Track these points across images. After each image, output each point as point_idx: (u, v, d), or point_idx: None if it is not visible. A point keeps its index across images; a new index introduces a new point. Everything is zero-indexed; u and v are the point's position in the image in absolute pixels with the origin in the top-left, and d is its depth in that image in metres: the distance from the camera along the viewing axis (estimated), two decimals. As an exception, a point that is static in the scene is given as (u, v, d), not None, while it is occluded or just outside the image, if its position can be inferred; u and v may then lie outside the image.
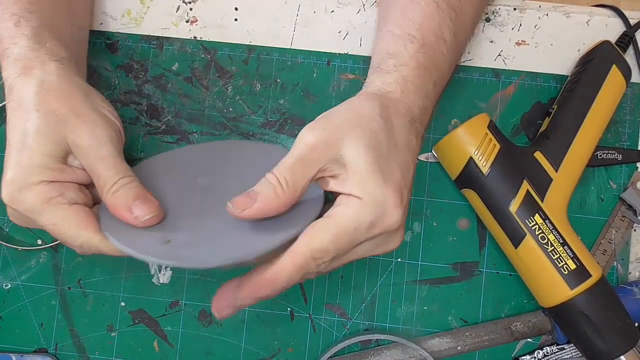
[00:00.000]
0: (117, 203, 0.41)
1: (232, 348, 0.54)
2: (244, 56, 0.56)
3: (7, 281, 0.55)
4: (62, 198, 0.41)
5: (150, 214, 0.41)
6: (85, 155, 0.41)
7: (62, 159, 0.41)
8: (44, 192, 0.40)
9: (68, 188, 0.41)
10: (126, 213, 0.41)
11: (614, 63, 0.51)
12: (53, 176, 0.41)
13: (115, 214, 0.41)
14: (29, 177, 0.40)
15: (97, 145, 0.41)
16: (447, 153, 0.51)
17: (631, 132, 0.55)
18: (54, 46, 0.44)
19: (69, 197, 0.41)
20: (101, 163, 0.41)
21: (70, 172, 0.42)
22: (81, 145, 0.41)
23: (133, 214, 0.40)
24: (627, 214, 0.54)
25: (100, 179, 0.41)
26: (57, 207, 0.40)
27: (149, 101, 0.56)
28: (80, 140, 0.41)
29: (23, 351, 0.54)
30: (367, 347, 0.54)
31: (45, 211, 0.40)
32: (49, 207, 0.40)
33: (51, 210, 0.40)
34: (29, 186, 0.40)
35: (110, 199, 0.41)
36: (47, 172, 0.40)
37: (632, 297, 0.51)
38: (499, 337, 0.53)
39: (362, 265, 0.54)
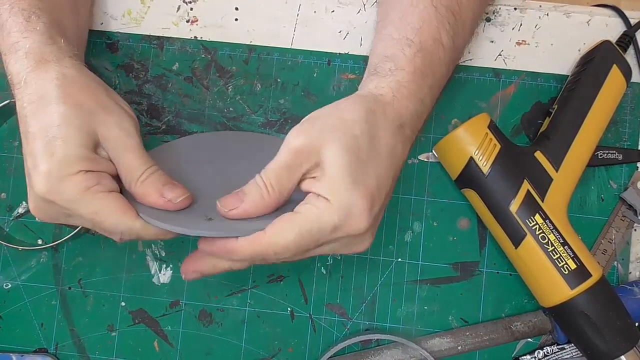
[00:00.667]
0: (148, 190, 0.42)
1: (232, 348, 0.54)
2: (245, 56, 0.56)
3: (7, 281, 0.55)
4: (100, 186, 0.41)
5: (181, 195, 0.42)
6: (113, 147, 0.42)
7: (94, 150, 0.42)
8: (83, 181, 0.40)
9: (103, 177, 0.41)
10: (158, 198, 0.42)
11: (615, 63, 0.52)
12: (90, 166, 0.41)
13: (147, 200, 0.42)
14: (66, 168, 0.40)
15: (125, 137, 0.42)
16: (448, 153, 0.51)
17: (631, 132, 0.55)
18: (66, 43, 0.44)
19: (106, 184, 0.41)
20: (129, 154, 0.42)
21: (103, 163, 0.42)
22: (110, 137, 0.42)
23: (166, 198, 0.42)
24: (628, 213, 0.54)
25: (129, 169, 0.42)
26: (97, 195, 0.41)
27: (150, 101, 0.56)
28: (109, 132, 0.42)
29: (23, 351, 0.54)
30: (367, 347, 0.54)
31: (85, 200, 0.40)
32: (88, 196, 0.40)
33: (91, 199, 0.40)
34: (67, 176, 0.40)
35: (140, 187, 0.42)
36: (84, 162, 0.40)
37: (632, 297, 0.51)
38: (499, 337, 0.53)
39: (363, 265, 0.54)
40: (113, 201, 0.41)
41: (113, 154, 0.42)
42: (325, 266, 0.54)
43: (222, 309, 0.54)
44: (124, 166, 0.42)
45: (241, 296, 0.54)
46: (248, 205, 0.41)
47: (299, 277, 0.54)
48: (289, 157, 0.40)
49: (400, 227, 0.54)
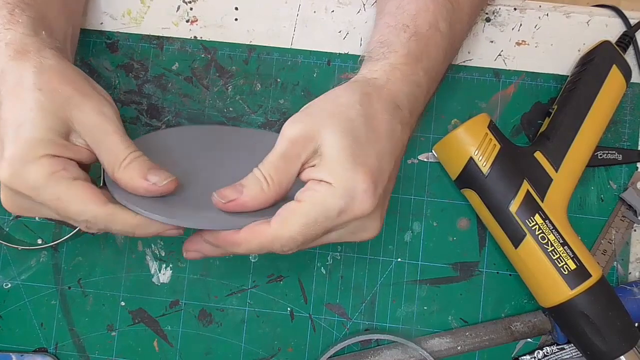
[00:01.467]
0: (132, 174, 0.40)
1: (232, 348, 0.54)
2: (244, 56, 0.56)
3: (7, 281, 0.55)
4: (65, 172, 0.39)
5: (167, 179, 0.41)
6: (92, 133, 0.41)
7: (65, 136, 0.40)
8: (47, 166, 0.39)
9: (70, 164, 0.40)
10: (142, 182, 0.40)
11: (614, 63, 0.52)
12: (56, 150, 0.39)
13: (130, 185, 0.41)
14: (30, 151, 0.39)
15: (105, 121, 0.41)
16: (447, 153, 0.51)
17: (631, 132, 0.55)
18: (48, 36, 0.44)
19: (72, 171, 0.40)
20: (110, 138, 0.41)
21: (73, 150, 0.41)
22: (88, 123, 0.41)
23: (150, 181, 0.40)
24: (627, 214, 0.54)
25: (111, 154, 0.41)
26: (61, 180, 0.39)
27: (149, 101, 0.56)
28: (87, 117, 0.40)
29: (23, 351, 0.54)
30: (367, 347, 0.54)
31: (49, 185, 0.39)
32: (52, 181, 0.39)
33: (55, 184, 0.39)
34: (31, 161, 0.39)
35: (123, 172, 0.41)
36: (50, 146, 0.39)
37: (632, 297, 0.51)
38: (499, 337, 0.53)
39: (362, 265, 0.54)
40: (77, 187, 0.40)
41: (92, 139, 0.41)
42: (325, 266, 0.54)
43: (221, 309, 0.54)
44: (105, 151, 0.41)
45: (241, 296, 0.54)
46: (248, 198, 0.40)
47: (299, 277, 0.54)
48: (286, 148, 0.40)
49: (400, 227, 0.54)
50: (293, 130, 0.40)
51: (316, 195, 0.39)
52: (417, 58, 0.44)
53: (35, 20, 0.44)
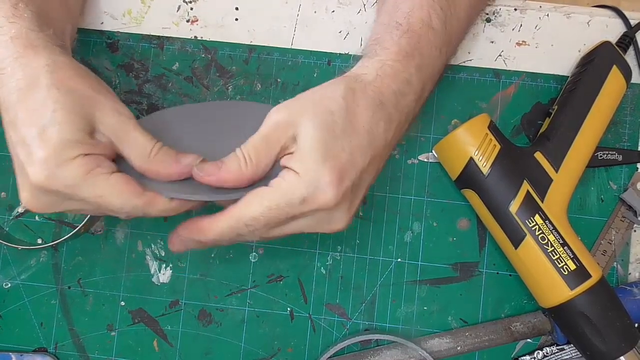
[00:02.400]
0: (163, 161, 0.42)
1: (231, 348, 0.54)
2: (245, 56, 0.56)
3: (7, 280, 0.55)
4: (101, 169, 0.40)
5: (197, 159, 0.42)
6: (114, 130, 0.41)
7: (91, 135, 0.41)
8: (83, 165, 0.39)
9: (102, 160, 0.41)
10: (176, 166, 0.42)
11: (615, 64, 0.52)
12: (88, 149, 0.40)
13: (164, 172, 0.42)
14: (65, 152, 0.39)
15: (125, 120, 0.42)
16: (448, 153, 0.51)
17: (631, 132, 0.55)
18: (53, 34, 0.44)
19: (106, 167, 0.41)
20: (133, 135, 0.42)
21: (102, 146, 0.41)
22: (109, 121, 0.41)
23: (182, 163, 0.42)
24: (627, 214, 0.54)
25: (138, 147, 0.42)
26: (100, 177, 0.40)
27: (150, 101, 0.56)
28: (107, 116, 0.41)
29: (23, 350, 0.54)
30: (367, 347, 0.54)
31: (88, 183, 0.40)
32: (91, 179, 0.40)
33: (94, 182, 0.40)
34: (67, 161, 0.39)
35: (153, 161, 0.42)
36: (83, 145, 0.40)
37: (632, 297, 0.51)
38: (498, 338, 0.53)
39: (362, 265, 0.54)
40: (116, 182, 0.41)
41: (115, 136, 0.42)
42: (325, 266, 0.54)
43: (221, 309, 0.54)
44: (131, 145, 0.42)
45: (241, 296, 0.54)
46: (224, 174, 0.41)
47: (299, 277, 0.54)
48: (267, 131, 0.41)
49: (400, 227, 0.54)
50: (277, 115, 0.41)
51: (282, 182, 0.40)
52: (408, 55, 0.45)
53: (39, 17, 0.44)
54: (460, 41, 0.52)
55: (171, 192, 0.42)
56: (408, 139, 0.55)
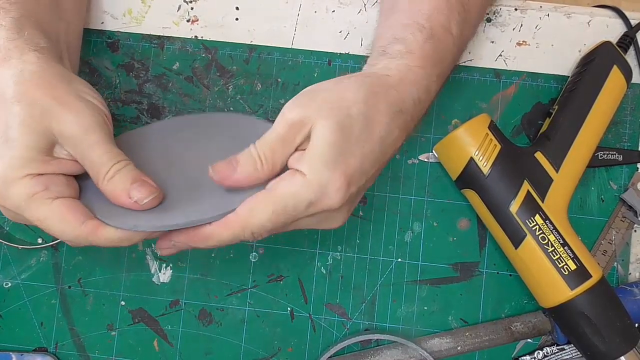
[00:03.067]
0: (115, 189, 0.40)
1: (232, 347, 0.54)
2: (245, 56, 0.56)
3: (7, 280, 0.55)
4: (47, 192, 0.39)
5: (149, 196, 0.40)
6: (73, 144, 0.40)
7: (48, 151, 0.40)
8: (29, 187, 0.39)
9: (53, 181, 0.40)
10: (125, 198, 0.40)
11: (615, 64, 0.52)
12: (38, 168, 0.39)
13: (114, 200, 0.40)
14: (13, 172, 0.39)
15: (86, 133, 0.40)
16: (448, 153, 0.51)
17: (632, 132, 0.55)
18: (33, 35, 0.43)
19: (54, 190, 0.40)
20: (92, 150, 0.40)
21: (56, 164, 0.40)
22: (69, 134, 0.40)
23: (132, 199, 0.40)
24: (628, 214, 0.54)
25: (94, 167, 0.40)
26: (42, 202, 0.39)
27: (150, 100, 0.56)
28: (67, 129, 0.40)
29: (23, 350, 0.54)
30: (367, 347, 0.54)
31: (30, 207, 0.39)
32: (33, 203, 0.39)
33: (36, 206, 0.39)
34: (14, 181, 0.39)
35: (107, 185, 0.40)
36: (32, 165, 0.39)
37: (632, 297, 0.51)
38: (499, 338, 0.53)
39: (362, 265, 0.54)
40: (57, 208, 0.39)
41: (75, 151, 0.40)
42: (325, 266, 0.54)
43: (221, 309, 0.54)
44: (88, 164, 0.40)
45: (241, 296, 0.54)
46: (241, 176, 0.40)
47: (299, 277, 0.54)
48: (284, 130, 0.40)
49: (400, 227, 0.54)
50: (293, 113, 0.40)
51: (290, 187, 0.39)
52: (433, 61, 0.44)
53: (21, 20, 0.43)
54: (466, 46, 0.51)
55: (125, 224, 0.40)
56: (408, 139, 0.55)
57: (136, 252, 0.55)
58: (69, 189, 0.41)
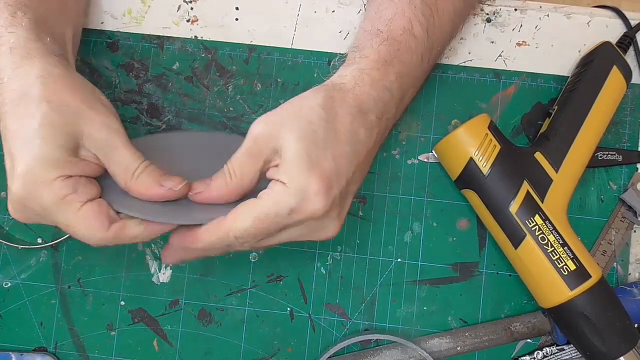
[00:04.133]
0: (147, 182, 0.42)
1: (231, 347, 0.54)
2: (245, 56, 0.56)
3: (7, 280, 0.55)
4: (76, 195, 0.40)
5: (180, 183, 0.43)
6: (102, 146, 0.41)
7: (74, 152, 0.41)
8: (59, 189, 0.40)
9: (80, 183, 0.41)
10: (158, 188, 0.42)
11: (615, 64, 0.52)
12: (68, 170, 0.40)
13: (146, 193, 0.42)
14: (45, 172, 0.39)
15: (114, 135, 0.42)
16: (448, 153, 0.51)
17: (631, 133, 0.55)
18: (51, 43, 0.44)
19: (82, 192, 0.41)
20: (120, 151, 0.42)
21: (82, 165, 0.41)
22: (98, 137, 0.41)
23: (166, 187, 0.42)
24: (627, 215, 0.54)
25: (123, 166, 0.42)
26: (71, 205, 0.40)
27: (150, 100, 0.56)
28: (96, 131, 0.41)
29: (23, 350, 0.54)
30: (366, 347, 0.54)
31: (60, 210, 0.40)
32: (63, 206, 0.40)
33: (65, 210, 0.40)
34: (46, 182, 0.39)
35: (136, 181, 0.42)
36: (63, 165, 0.40)
37: (631, 298, 0.51)
38: (498, 338, 0.53)
39: (362, 265, 0.54)
40: (86, 213, 0.40)
41: (102, 153, 0.42)
42: (324, 266, 0.54)
43: (221, 309, 0.54)
44: (116, 164, 0.42)
45: (240, 296, 0.54)
46: (212, 190, 0.42)
47: (299, 277, 0.54)
48: (249, 145, 0.42)
49: (400, 228, 0.54)
50: (257, 128, 0.42)
51: (271, 193, 0.41)
52: (387, 62, 0.45)
53: (37, 24, 0.44)
54: (444, 47, 0.52)
55: (147, 215, 0.42)
56: (408, 139, 0.55)
57: (136, 252, 0.55)
58: (94, 190, 0.42)
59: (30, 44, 0.42)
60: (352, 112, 0.42)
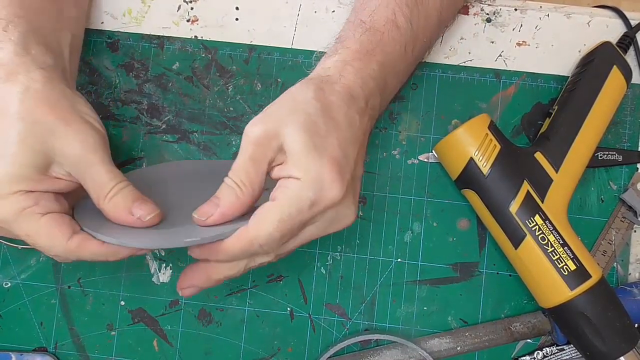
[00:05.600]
0: (116, 207, 0.41)
1: (231, 347, 0.54)
2: (245, 56, 0.56)
3: (7, 280, 0.55)
4: (37, 207, 0.40)
5: (151, 213, 0.42)
6: (75, 164, 0.41)
7: (44, 170, 0.41)
8: (18, 202, 0.40)
9: (44, 197, 0.41)
10: (127, 216, 0.41)
11: (615, 64, 0.52)
12: (31, 186, 0.40)
13: (116, 218, 0.41)
14: (4, 187, 0.39)
15: (89, 153, 0.41)
16: (448, 153, 0.51)
17: (631, 133, 0.55)
18: (40, 53, 0.43)
19: (44, 205, 0.40)
20: (94, 170, 0.41)
21: (50, 182, 0.41)
22: (72, 154, 0.41)
23: (135, 215, 0.41)
24: (627, 215, 0.54)
25: (95, 186, 0.41)
26: (31, 217, 0.40)
27: (150, 100, 0.56)
28: (70, 149, 0.40)
29: (23, 350, 0.54)
30: (366, 347, 0.54)
31: (18, 221, 0.40)
32: (22, 218, 0.40)
33: (24, 221, 0.40)
34: (5, 196, 0.39)
35: (108, 204, 0.41)
36: (26, 182, 0.40)
37: (632, 298, 0.51)
38: (498, 338, 0.53)
39: (362, 265, 0.54)
40: (45, 223, 0.40)
41: (76, 170, 0.41)
42: (324, 266, 0.54)
43: (221, 309, 0.54)
44: (90, 182, 0.41)
45: (240, 296, 0.54)
46: (225, 208, 0.41)
47: (299, 277, 0.54)
48: (251, 150, 0.40)
49: (400, 228, 0.54)
50: (255, 131, 0.41)
51: (287, 191, 0.40)
52: (369, 52, 0.45)
53: (28, 35, 0.43)
54: (430, 40, 0.52)
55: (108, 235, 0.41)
56: (408, 139, 0.55)
57: (136, 252, 0.55)
58: (59, 205, 0.42)
59: (17, 59, 0.42)
60: (344, 99, 0.43)
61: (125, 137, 0.55)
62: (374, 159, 0.55)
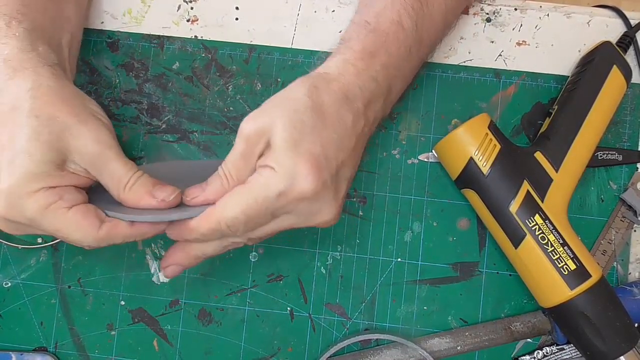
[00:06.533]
0: (139, 193, 0.42)
1: (231, 347, 0.54)
2: (245, 55, 0.56)
3: (7, 279, 0.55)
4: (62, 202, 0.41)
5: (173, 193, 0.43)
6: (91, 160, 0.42)
7: (61, 166, 0.41)
8: (44, 199, 0.40)
9: (66, 191, 0.41)
10: (150, 199, 0.42)
11: (615, 64, 0.52)
12: (53, 182, 0.40)
13: (139, 203, 0.42)
14: (27, 185, 0.39)
15: (105, 149, 0.42)
16: (448, 153, 0.51)
17: (631, 132, 0.55)
18: (45, 51, 0.44)
19: (68, 199, 0.41)
20: (112, 166, 0.42)
21: (69, 177, 0.42)
22: (88, 153, 0.41)
23: (157, 198, 0.42)
24: (627, 214, 0.54)
25: (115, 178, 0.42)
26: (58, 212, 0.40)
27: (150, 100, 0.56)
28: (86, 146, 0.41)
29: (23, 350, 0.54)
30: (366, 347, 0.54)
31: (47, 218, 0.40)
32: (49, 213, 0.40)
33: (53, 216, 0.40)
34: (28, 194, 0.40)
35: (129, 193, 0.42)
36: (47, 178, 0.40)
37: (632, 297, 0.51)
38: (498, 337, 0.53)
39: (362, 265, 0.54)
40: (74, 216, 0.41)
41: (93, 167, 0.42)
42: (325, 266, 0.54)
43: (221, 308, 0.54)
44: (108, 176, 0.42)
45: (241, 295, 0.54)
46: (209, 193, 0.42)
47: (299, 277, 0.54)
48: (242, 146, 0.42)
49: (400, 227, 0.54)
50: (247, 128, 0.42)
51: (259, 178, 0.41)
52: (372, 53, 0.45)
53: (32, 32, 0.44)
54: (435, 42, 0.52)
55: (138, 216, 0.42)
56: (408, 139, 0.55)
57: (136, 252, 0.55)
58: (81, 196, 0.43)
59: (23, 55, 0.42)
60: (337, 98, 0.43)
61: (126, 136, 0.55)
62: (374, 159, 0.55)
